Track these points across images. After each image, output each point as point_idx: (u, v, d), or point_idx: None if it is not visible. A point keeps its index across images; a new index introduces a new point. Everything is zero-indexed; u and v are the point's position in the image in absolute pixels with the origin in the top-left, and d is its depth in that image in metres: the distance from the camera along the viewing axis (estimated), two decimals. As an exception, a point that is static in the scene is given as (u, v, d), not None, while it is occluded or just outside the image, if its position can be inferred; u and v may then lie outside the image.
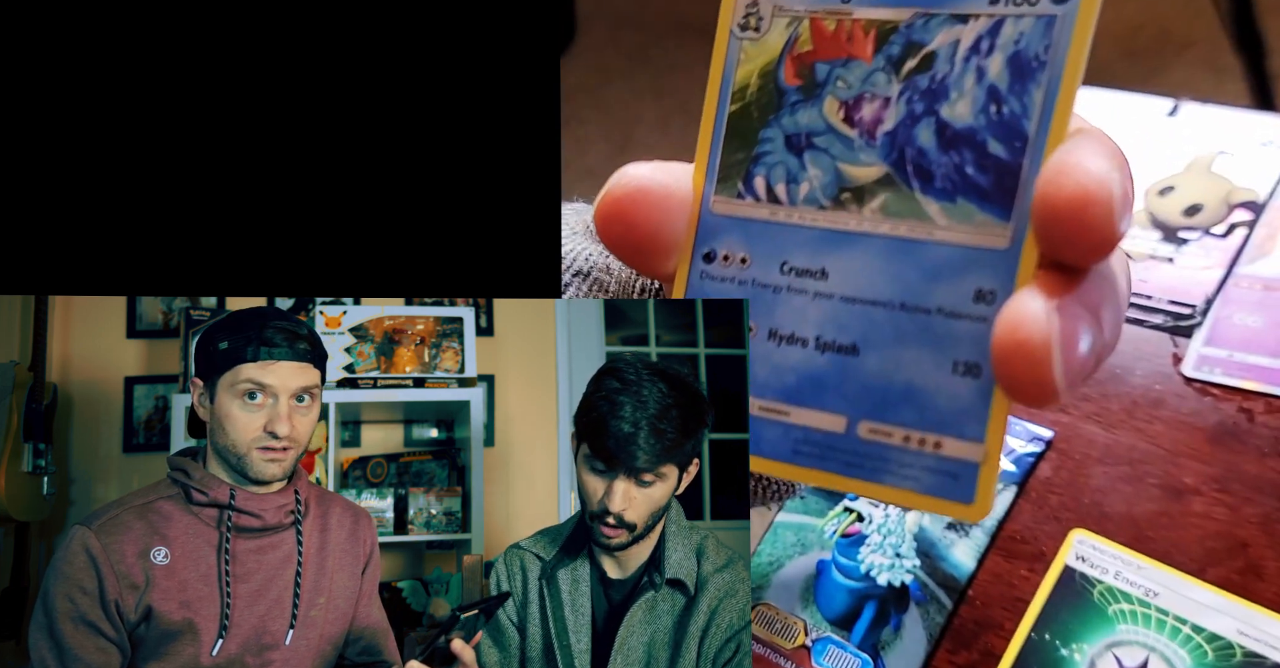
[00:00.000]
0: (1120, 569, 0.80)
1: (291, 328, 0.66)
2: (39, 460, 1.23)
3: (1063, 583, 0.80)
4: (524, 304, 1.43)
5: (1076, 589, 0.80)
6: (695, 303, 1.47)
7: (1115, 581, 0.79)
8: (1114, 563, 0.80)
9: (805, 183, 0.37)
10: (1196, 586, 0.78)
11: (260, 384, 0.64)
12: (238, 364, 0.64)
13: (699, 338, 1.52)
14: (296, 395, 0.65)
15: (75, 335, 1.36)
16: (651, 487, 0.66)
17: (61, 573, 0.63)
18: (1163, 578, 0.79)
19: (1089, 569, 0.80)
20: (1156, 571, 0.79)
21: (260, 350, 0.65)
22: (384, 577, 1.09)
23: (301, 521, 0.68)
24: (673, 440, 0.66)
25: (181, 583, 0.64)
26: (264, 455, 0.65)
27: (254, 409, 0.65)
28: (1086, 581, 0.80)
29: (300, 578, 0.67)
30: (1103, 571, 0.80)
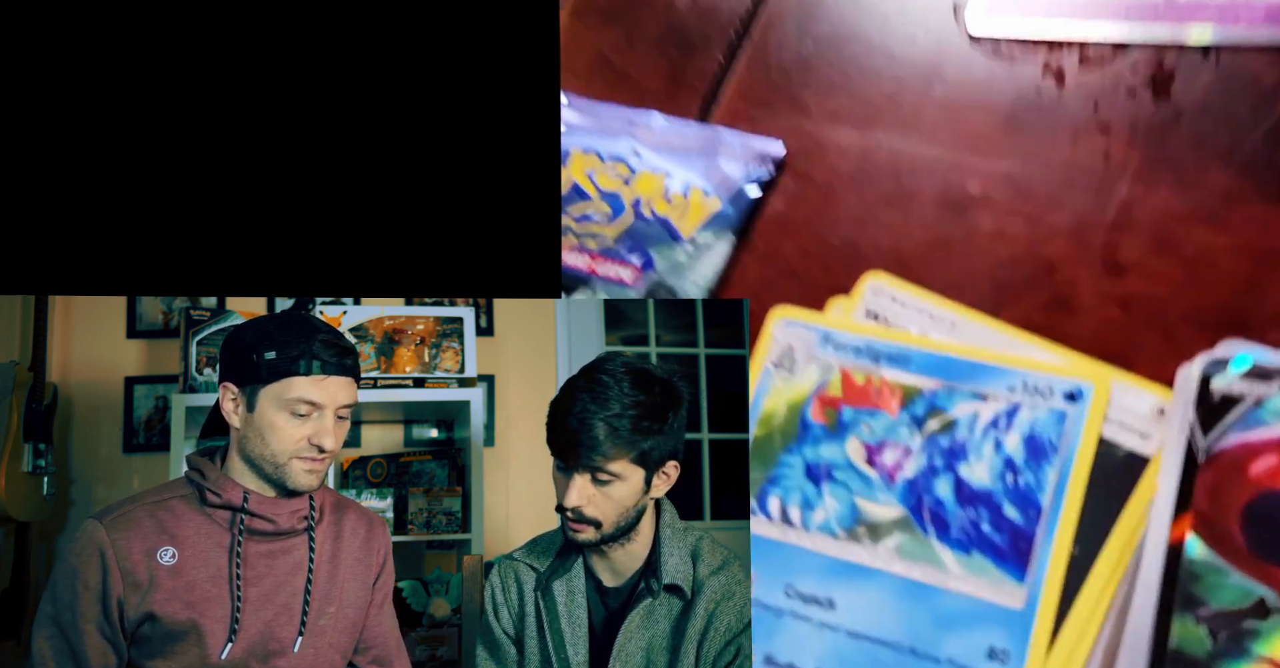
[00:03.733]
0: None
1: (338, 341, 0.67)
2: (39, 460, 1.23)
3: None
4: (524, 304, 1.43)
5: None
6: (695, 303, 1.47)
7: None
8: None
9: (820, 510, 0.39)
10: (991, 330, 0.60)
11: (311, 401, 0.65)
12: (288, 377, 0.65)
13: (699, 338, 1.52)
14: (339, 409, 0.67)
15: (75, 335, 1.36)
16: (609, 485, 0.66)
17: (69, 566, 0.64)
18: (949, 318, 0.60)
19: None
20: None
21: (313, 365, 0.65)
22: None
23: (315, 527, 0.68)
24: (625, 437, 0.66)
25: (188, 584, 0.64)
26: (304, 466, 0.66)
27: (300, 422, 0.66)
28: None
29: (311, 586, 0.67)
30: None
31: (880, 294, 0.57)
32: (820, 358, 0.42)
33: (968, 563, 0.35)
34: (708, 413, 1.37)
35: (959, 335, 0.54)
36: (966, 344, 0.53)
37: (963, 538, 0.36)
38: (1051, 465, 0.36)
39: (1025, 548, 0.35)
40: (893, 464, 0.39)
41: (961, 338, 0.55)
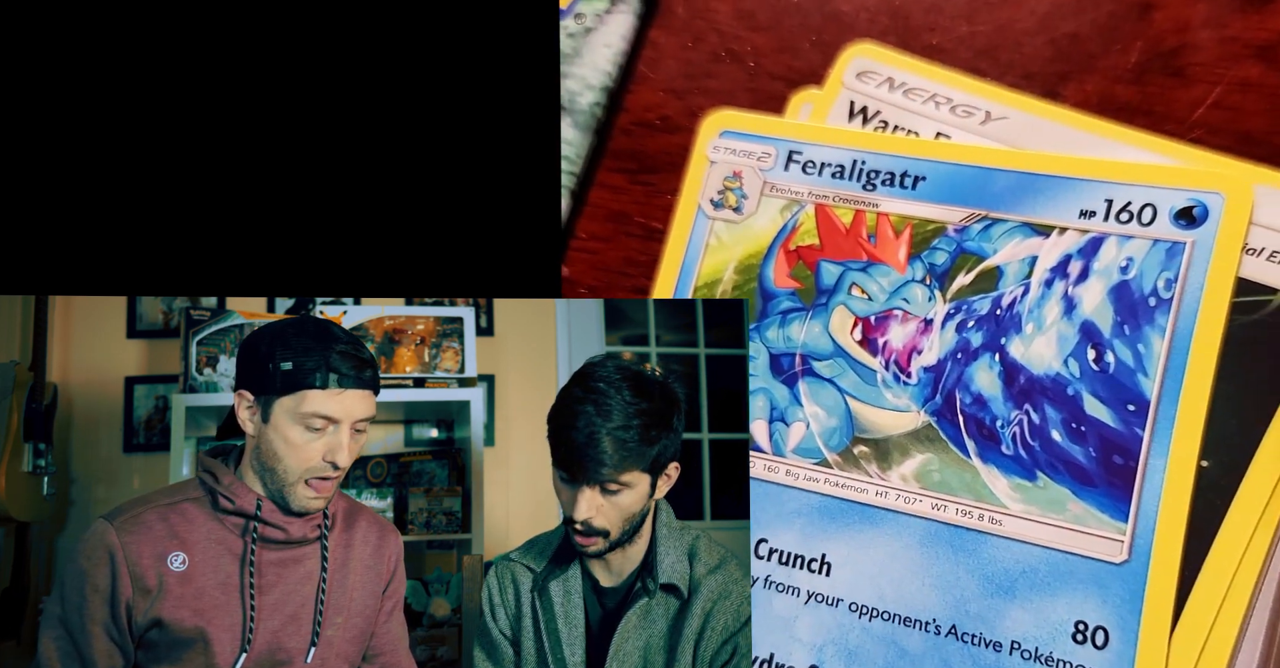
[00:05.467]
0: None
1: (357, 353, 0.65)
2: (39, 460, 1.24)
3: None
4: (524, 304, 1.43)
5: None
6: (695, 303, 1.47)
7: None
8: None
9: (798, 424, 0.26)
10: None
11: (327, 416, 0.64)
12: (304, 390, 0.63)
13: (699, 338, 1.51)
14: (356, 423, 0.65)
15: (75, 335, 1.36)
16: (618, 495, 0.66)
17: (79, 567, 0.64)
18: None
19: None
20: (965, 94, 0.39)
21: (330, 378, 0.63)
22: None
23: (327, 536, 0.68)
24: (634, 449, 0.65)
25: (197, 590, 0.64)
26: (309, 492, 0.65)
27: (315, 436, 0.64)
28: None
29: (323, 595, 0.67)
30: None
31: (871, 78, 0.36)
32: (783, 187, 0.27)
33: (1031, 494, 0.23)
34: (708, 413, 1.37)
35: (998, 134, 0.35)
36: (1011, 148, 0.34)
37: (1020, 456, 0.23)
38: (1160, 331, 0.22)
39: (1124, 467, 0.23)
40: (905, 346, 0.26)
41: (1003, 138, 0.35)
